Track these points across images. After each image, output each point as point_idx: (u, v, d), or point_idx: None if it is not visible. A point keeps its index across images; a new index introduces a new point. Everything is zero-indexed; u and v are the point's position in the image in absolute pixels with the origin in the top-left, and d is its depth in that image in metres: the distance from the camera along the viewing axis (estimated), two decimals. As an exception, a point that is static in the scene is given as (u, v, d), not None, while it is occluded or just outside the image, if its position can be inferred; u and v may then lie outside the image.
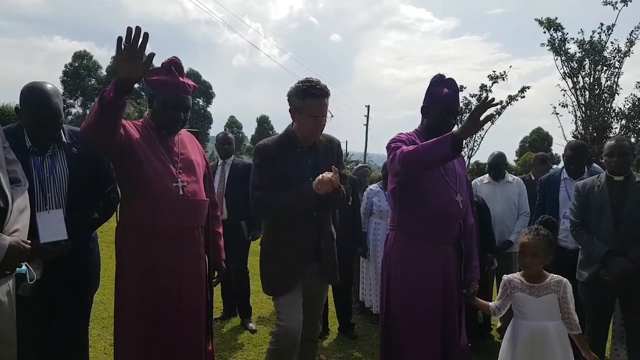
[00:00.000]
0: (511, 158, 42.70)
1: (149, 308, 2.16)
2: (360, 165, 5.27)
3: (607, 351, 3.50)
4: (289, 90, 2.49)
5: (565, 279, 2.43)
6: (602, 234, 3.09)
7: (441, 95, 2.52)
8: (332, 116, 2.49)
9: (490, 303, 2.58)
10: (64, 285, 2.18)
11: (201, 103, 58.37)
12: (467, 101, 19.09)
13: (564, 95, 16.44)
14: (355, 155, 40.40)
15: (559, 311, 2.39)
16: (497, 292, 4.33)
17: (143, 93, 41.14)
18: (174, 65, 2.27)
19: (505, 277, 2.54)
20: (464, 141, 2.30)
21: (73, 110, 49.24)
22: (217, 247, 2.53)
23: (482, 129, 19.15)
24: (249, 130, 60.31)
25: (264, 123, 58.69)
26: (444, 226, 2.49)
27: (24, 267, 1.80)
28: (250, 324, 4.41)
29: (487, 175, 4.62)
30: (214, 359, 2.51)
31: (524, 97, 18.74)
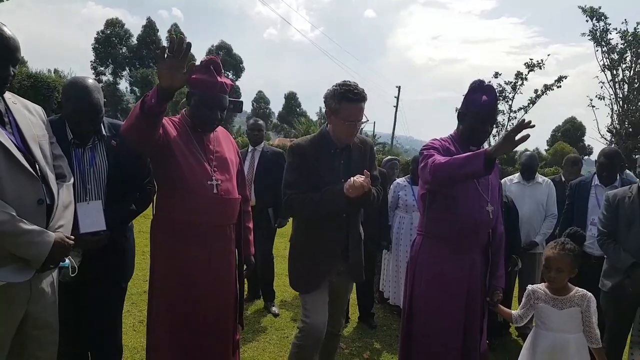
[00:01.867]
0: (542, 147, 41.80)
1: (181, 300, 2.25)
2: (389, 157, 5.27)
3: (625, 355, 3.52)
4: (326, 91, 2.51)
5: (590, 293, 2.44)
6: (629, 246, 3.07)
7: (479, 102, 2.51)
8: (367, 120, 2.52)
9: (513, 312, 2.61)
10: (101, 273, 2.28)
11: (231, 76, 58.56)
12: (501, 88, 18.70)
13: (601, 87, 15.97)
14: (383, 137, 40.02)
15: (580, 324, 2.41)
16: (518, 291, 4.42)
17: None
18: (213, 64, 2.30)
19: (529, 287, 2.57)
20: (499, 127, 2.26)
21: (104, 78, 50.03)
22: (247, 242, 2.61)
23: (515, 118, 18.85)
24: (276, 106, 60.34)
25: (291, 100, 58.46)
26: (472, 235, 2.51)
27: (67, 260, 1.91)
28: (274, 308, 4.55)
29: (517, 174, 4.59)
30: (239, 347, 2.62)
31: (560, 86, 18.26)
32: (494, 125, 2.61)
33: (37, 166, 1.80)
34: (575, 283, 2.53)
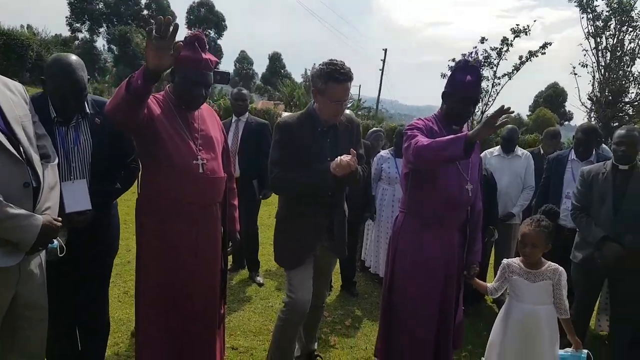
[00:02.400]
0: (525, 113, 42.12)
1: (168, 279, 2.30)
2: (373, 129, 5.30)
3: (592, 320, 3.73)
4: (312, 71, 2.53)
5: (561, 267, 2.57)
6: (600, 220, 3.20)
7: (463, 82, 2.53)
8: (353, 100, 2.54)
9: (488, 284, 2.74)
10: (87, 251, 2.31)
11: (212, 35, 57.00)
12: (487, 54, 18.63)
13: (584, 55, 16.04)
14: (368, 100, 39.82)
15: (551, 297, 2.54)
16: (494, 260, 4.59)
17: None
18: (197, 41, 2.25)
19: (504, 261, 2.69)
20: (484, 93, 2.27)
21: (80, 36, 48.41)
22: (232, 219, 2.65)
23: (498, 84, 18.88)
24: (260, 67, 59.10)
25: (275, 61, 57.38)
26: (452, 213, 2.60)
27: (55, 242, 1.93)
28: (258, 278, 4.65)
29: (497, 147, 4.67)
30: (224, 321, 2.70)
31: (544, 53, 18.25)
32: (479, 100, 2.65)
33: (21, 149, 1.79)
34: (548, 253, 2.65)
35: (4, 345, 1.87)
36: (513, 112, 2.02)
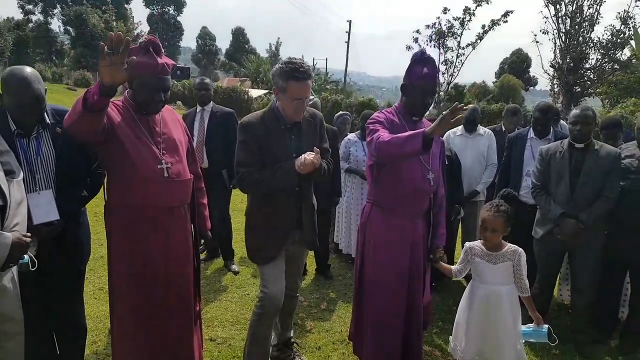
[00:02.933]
0: (490, 80, 42.64)
1: (140, 281, 2.32)
2: (340, 113, 5.32)
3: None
4: (272, 69, 2.54)
5: (520, 249, 2.70)
6: (558, 197, 3.36)
7: (420, 74, 2.59)
8: (315, 97, 2.57)
9: (452, 267, 2.86)
10: (59, 260, 2.33)
11: (171, 12, 55.25)
12: (450, 24, 18.77)
13: (545, 22, 16.32)
14: (336, 73, 39.59)
15: (512, 277, 2.68)
16: (462, 235, 4.76)
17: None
18: (152, 46, 2.24)
19: (467, 244, 2.81)
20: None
21: (34, 18, 46.28)
22: (202, 217, 2.68)
23: (463, 54, 19.10)
24: (223, 42, 57.68)
25: (239, 36, 55.97)
26: (415, 202, 2.70)
27: (26, 257, 1.94)
28: (233, 266, 4.70)
29: (460, 127, 4.78)
30: (201, 317, 2.76)
31: (506, 21, 18.50)
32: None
33: None
34: (512, 227, 2.75)
35: None
36: (467, 109, 2.10)
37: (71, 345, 2.61)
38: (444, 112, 2.15)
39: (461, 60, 18.83)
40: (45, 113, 2.27)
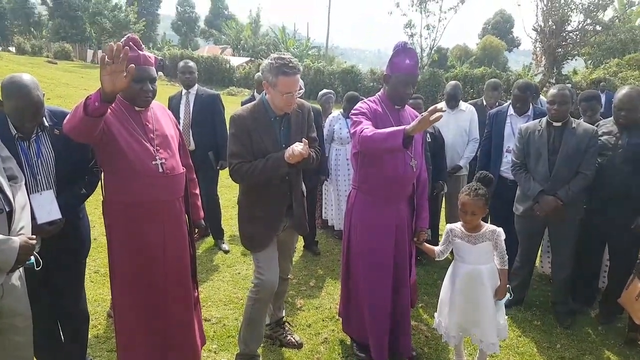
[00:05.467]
0: (473, 42, 42.41)
1: (140, 272, 2.43)
2: (324, 91, 5.36)
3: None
4: (262, 64, 2.60)
5: (499, 228, 2.82)
6: (537, 175, 3.50)
7: (402, 65, 2.68)
8: (303, 89, 2.63)
9: (435, 248, 3.00)
10: (61, 256, 2.43)
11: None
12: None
13: (527, -16, 16.21)
14: (318, 38, 38.95)
15: (492, 256, 2.83)
16: (446, 209, 4.92)
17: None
18: (131, 41, 2.32)
19: (448, 226, 2.94)
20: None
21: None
22: (196, 207, 2.78)
23: (445, 19, 18.99)
24: (202, 9, 56.01)
25: (218, 2, 54.50)
26: (397, 187, 2.82)
27: (31, 258, 2.03)
28: (224, 245, 4.83)
29: (442, 103, 4.86)
30: (200, 301, 2.88)
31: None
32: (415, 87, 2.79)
33: None
34: (493, 202, 2.85)
35: None
36: (445, 110, 2.18)
37: (75, 332, 2.73)
38: (423, 114, 2.24)
39: (443, 25, 18.73)
40: (43, 116, 2.34)
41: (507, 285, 2.86)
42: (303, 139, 2.54)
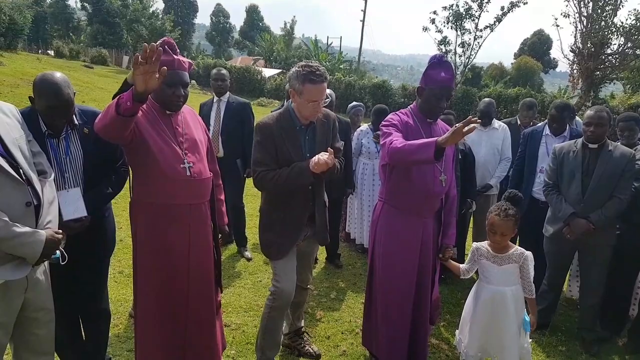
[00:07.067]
0: (508, 61, 41.90)
1: (164, 273, 2.44)
2: (354, 104, 5.33)
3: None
4: (289, 72, 2.61)
5: (528, 252, 2.74)
6: (570, 197, 3.40)
7: (437, 79, 2.65)
8: (329, 98, 2.62)
9: (460, 265, 2.93)
10: (86, 253, 2.45)
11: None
12: (468, 6, 18.46)
13: (566, 5, 15.96)
14: (350, 51, 39.11)
15: (518, 278, 2.74)
16: (473, 227, 4.82)
17: None
18: (167, 45, 2.35)
19: (474, 244, 2.87)
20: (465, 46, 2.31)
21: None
22: (220, 213, 2.78)
23: (480, 37, 18.81)
24: (237, 20, 57.17)
25: (253, 13, 55.55)
26: (426, 202, 2.77)
27: (57, 252, 2.07)
28: (246, 252, 4.84)
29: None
30: (221, 305, 2.88)
31: (526, 3, 18.15)
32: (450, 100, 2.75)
33: (20, 170, 1.91)
34: (523, 223, 2.78)
35: (17, 345, 2.09)
36: (480, 121, 2.14)
37: (96, 330, 2.76)
38: (456, 125, 2.20)
39: (478, 43, 18.57)
40: (74, 115, 2.38)
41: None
42: (328, 148, 2.52)
